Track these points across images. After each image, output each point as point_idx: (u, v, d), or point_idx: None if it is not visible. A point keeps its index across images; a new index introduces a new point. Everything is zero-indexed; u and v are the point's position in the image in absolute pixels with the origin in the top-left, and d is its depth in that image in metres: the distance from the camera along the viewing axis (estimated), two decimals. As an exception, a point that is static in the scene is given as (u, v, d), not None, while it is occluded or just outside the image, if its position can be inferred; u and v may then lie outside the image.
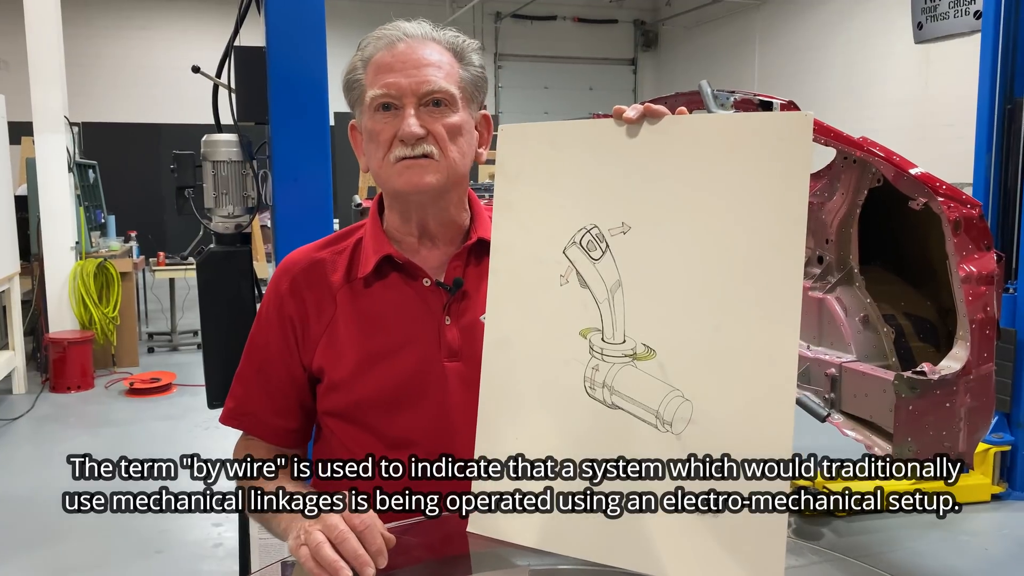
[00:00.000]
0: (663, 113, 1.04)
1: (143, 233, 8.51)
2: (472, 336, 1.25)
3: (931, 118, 10.17)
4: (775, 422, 0.96)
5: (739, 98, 3.35)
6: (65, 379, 6.10)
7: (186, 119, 12.11)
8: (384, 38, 1.28)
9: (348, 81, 1.31)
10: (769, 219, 0.98)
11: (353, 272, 1.33)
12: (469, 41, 1.32)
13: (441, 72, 1.26)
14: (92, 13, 13.02)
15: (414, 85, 1.24)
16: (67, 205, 6.38)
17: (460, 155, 1.28)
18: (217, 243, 2.95)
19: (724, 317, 0.99)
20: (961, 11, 9.67)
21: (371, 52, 1.29)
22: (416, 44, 1.27)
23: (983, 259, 2.74)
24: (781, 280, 0.97)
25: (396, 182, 1.26)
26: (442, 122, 1.25)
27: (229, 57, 2.85)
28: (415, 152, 1.24)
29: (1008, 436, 4.14)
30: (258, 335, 1.38)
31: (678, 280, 1.02)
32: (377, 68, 1.26)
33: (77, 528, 3.84)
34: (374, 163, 1.29)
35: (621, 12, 16.12)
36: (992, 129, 4.31)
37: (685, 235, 1.02)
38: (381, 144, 1.26)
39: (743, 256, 0.99)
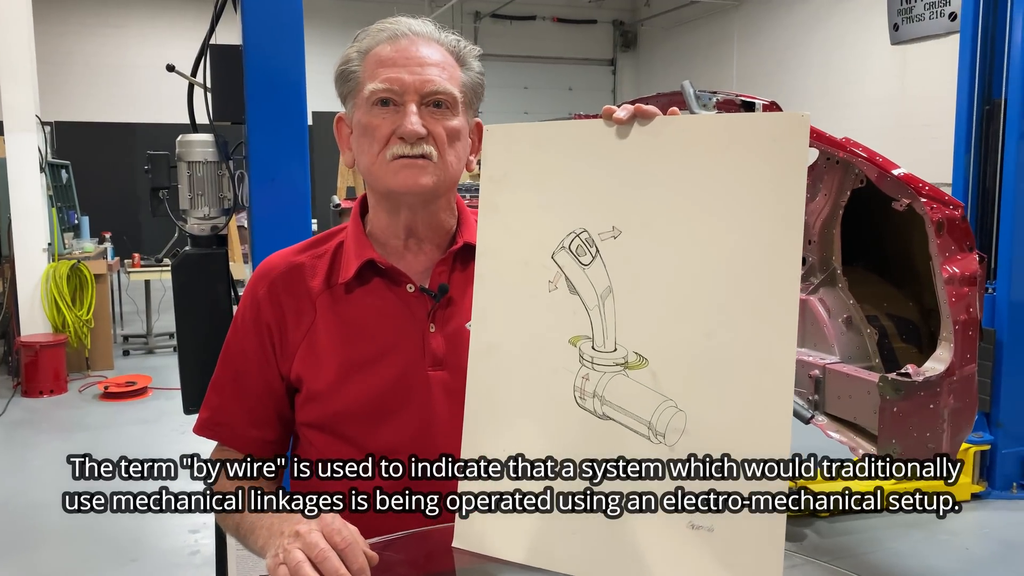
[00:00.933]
0: (654, 114, 1.00)
1: (118, 234, 8.38)
2: (457, 344, 1.21)
3: (908, 118, 10.25)
4: (772, 431, 0.93)
5: (721, 99, 3.33)
6: (38, 383, 5.99)
7: (161, 118, 11.98)
8: (386, 31, 1.23)
9: (342, 72, 1.26)
10: (764, 222, 0.94)
11: (334, 277, 1.28)
12: (471, 46, 1.28)
13: (444, 73, 1.22)
14: (64, 10, 12.83)
15: (418, 83, 1.20)
16: (39, 206, 6.27)
17: (456, 160, 1.24)
18: (193, 245, 2.89)
19: (719, 324, 0.96)
20: (936, 13, 9.74)
21: (370, 44, 1.24)
22: (420, 41, 1.23)
23: (966, 260, 2.74)
24: (777, 285, 0.94)
25: (391, 181, 1.21)
26: (442, 124, 1.21)
27: (205, 55, 2.79)
28: (414, 151, 1.20)
29: (988, 436, 4.16)
30: (234, 342, 1.33)
31: (671, 286, 0.98)
32: (378, 61, 1.22)
33: (51, 536, 3.76)
34: (366, 159, 1.24)
35: (600, 12, 16.14)
36: (971, 130, 4.33)
37: (678, 239, 0.98)
38: (377, 140, 1.21)
39: (738, 260, 0.96)
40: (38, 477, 4.53)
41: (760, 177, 0.95)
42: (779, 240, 0.94)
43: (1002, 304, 4.09)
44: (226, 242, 3.00)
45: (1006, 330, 4.08)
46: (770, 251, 0.94)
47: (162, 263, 7.35)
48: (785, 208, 0.93)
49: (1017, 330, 4.09)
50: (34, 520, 3.93)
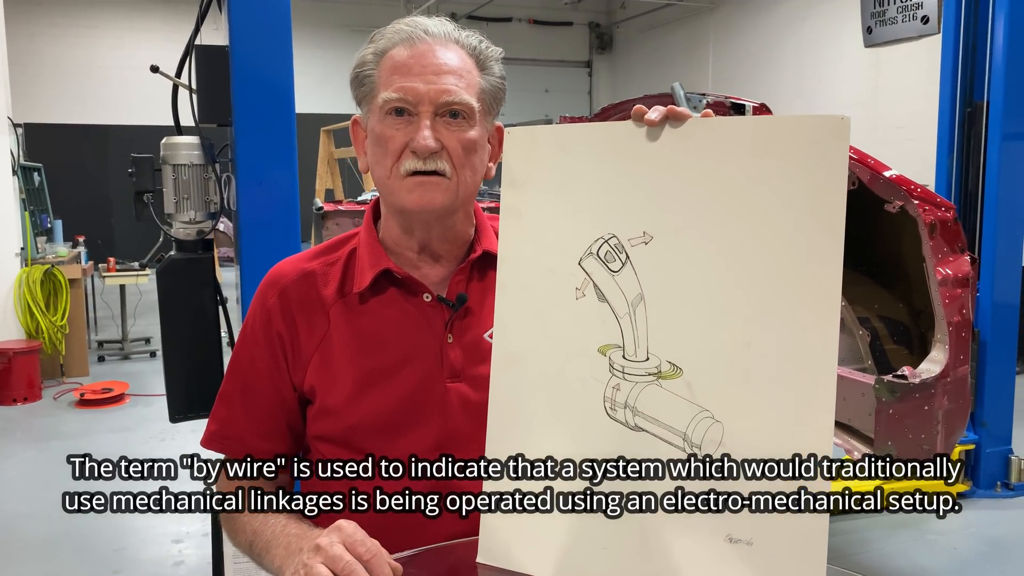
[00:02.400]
0: (687, 115, 0.97)
1: (91, 238, 8.25)
2: (476, 355, 1.18)
3: (882, 120, 10.36)
4: (814, 443, 0.90)
5: (711, 101, 3.32)
6: (11, 391, 5.86)
7: (135, 120, 11.82)
8: (402, 33, 1.18)
9: (358, 75, 1.21)
10: (805, 228, 0.92)
11: (348, 286, 1.24)
12: (492, 48, 1.23)
13: (462, 81, 1.17)
14: (34, 11, 12.62)
15: (433, 93, 1.15)
16: (11, 209, 6.14)
17: (472, 173, 1.20)
18: (178, 250, 2.83)
19: (756, 332, 0.93)
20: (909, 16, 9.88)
21: (386, 46, 1.19)
22: (437, 45, 1.18)
23: (958, 261, 2.75)
24: (819, 292, 0.91)
25: (405, 199, 1.17)
26: (458, 136, 1.17)
27: (189, 56, 2.73)
28: (427, 167, 1.15)
29: (972, 435, 4.19)
30: (243, 352, 1.28)
31: (705, 293, 0.96)
32: (393, 67, 1.17)
33: (30, 548, 3.67)
34: (380, 171, 1.20)
35: (576, 14, 16.17)
36: (953, 132, 4.36)
37: (712, 245, 0.96)
38: (390, 153, 1.17)
39: (777, 267, 0.93)
40: (13, 488, 4.42)
41: (800, 181, 0.92)
42: (820, 247, 0.91)
43: (985, 304, 4.13)
44: (212, 247, 2.94)
45: (989, 330, 4.12)
46: (811, 258, 0.92)
47: (142, 270, 7.24)
48: (826, 213, 0.91)
49: (1000, 330, 4.13)
50: (10, 532, 3.84)
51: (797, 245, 0.92)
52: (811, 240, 0.92)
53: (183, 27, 2.79)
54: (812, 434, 0.91)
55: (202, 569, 3.39)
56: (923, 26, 9.28)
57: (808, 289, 0.92)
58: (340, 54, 13.54)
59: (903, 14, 10.02)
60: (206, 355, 2.78)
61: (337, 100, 12.44)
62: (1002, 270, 4.13)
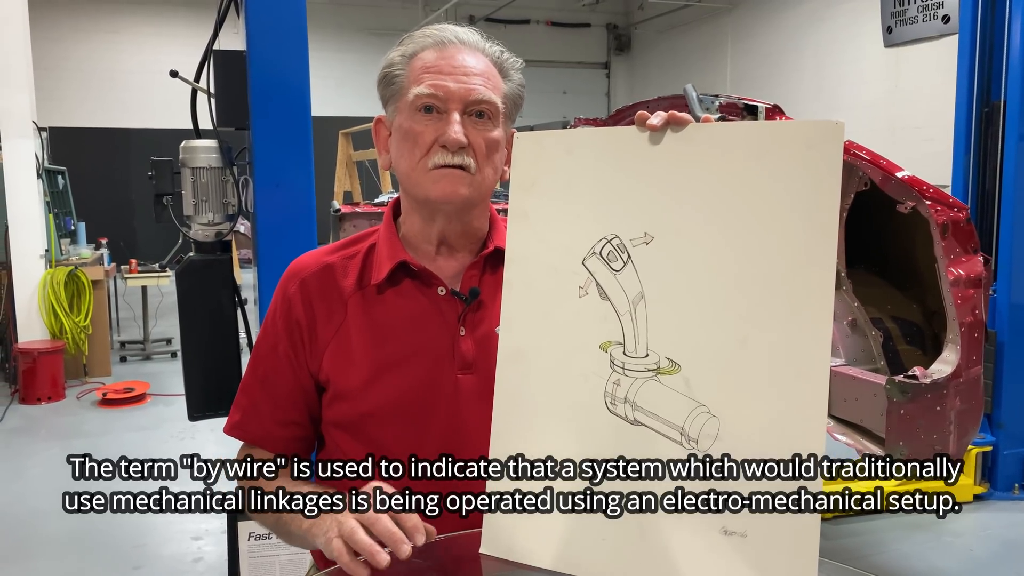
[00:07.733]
0: (688, 121, 1.01)
1: (114, 240, 8.36)
2: (487, 348, 1.21)
3: (901, 120, 10.30)
4: (806, 438, 0.93)
5: (724, 102, 3.33)
6: (35, 390, 5.95)
7: (156, 124, 11.95)
8: (433, 37, 1.25)
9: (386, 75, 1.27)
10: (799, 229, 0.95)
11: (365, 278, 1.29)
12: (513, 58, 1.30)
13: (488, 83, 1.23)
14: (58, 16, 12.81)
15: (463, 91, 1.21)
16: (36, 212, 6.24)
17: (493, 171, 1.26)
18: (197, 251, 2.88)
19: (752, 330, 0.96)
20: (930, 15, 9.81)
21: (415, 49, 1.25)
22: (466, 50, 1.24)
23: (971, 262, 2.74)
24: (812, 292, 0.94)
25: (431, 189, 1.22)
26: (483, 135, 1.23)
27: (208, 61, 2.78)
28: (454, 161, 1.21)
29: (990, 437, 4.17)
30: (264, 342, 1.33)
31: (704, 292, 0.98)
32: (424, 67, 1.23)
33: (50, 544, 3.73)
34: (405, 164, 1.25)
35: (594, 16, 16.19)
36: (970, 132, 4.34)
37: (711, 245, 0.98)
38: (419, 147, 1.22)
39: (772, 267, 0.96)
40: (37, 485, 4.50)
41: (795, 184, 0.95)
42: (815, 247, 0.94)
43: (1003, 306, 4.10)
44: (230, 248, 2.99)
45: (1007, 331, 4.09)
46: (806, 258, 0.94)
47: (163, 271, 7.33)
48: (821, 215, 0.94)
49: (1018, 331, 4.10)
50: (33, 528, 3.91)
51: (792, 245, 0.95)
52: (806, 241, 0.94)
53: (204, 32, 2.83)
54: (805, 427, 0.93)
55: (220, 565, 3.44)
56: (944, 25, 9.20)
57: (803, 289, 0.94)
58: (359, 58, 13.66)
59: (924, 13, 9.94)
60: (224, 354, 2.83)
61: (356, 103, 12.54)
62: (1019, 271, 4.11)
